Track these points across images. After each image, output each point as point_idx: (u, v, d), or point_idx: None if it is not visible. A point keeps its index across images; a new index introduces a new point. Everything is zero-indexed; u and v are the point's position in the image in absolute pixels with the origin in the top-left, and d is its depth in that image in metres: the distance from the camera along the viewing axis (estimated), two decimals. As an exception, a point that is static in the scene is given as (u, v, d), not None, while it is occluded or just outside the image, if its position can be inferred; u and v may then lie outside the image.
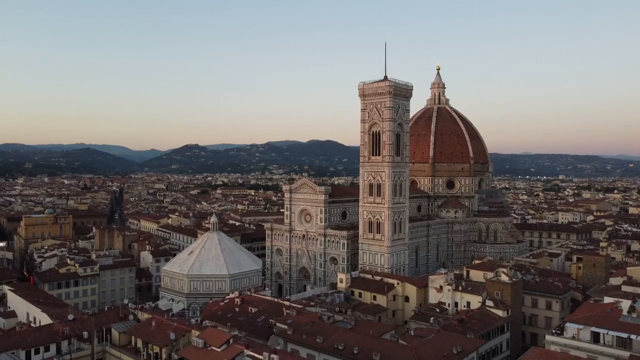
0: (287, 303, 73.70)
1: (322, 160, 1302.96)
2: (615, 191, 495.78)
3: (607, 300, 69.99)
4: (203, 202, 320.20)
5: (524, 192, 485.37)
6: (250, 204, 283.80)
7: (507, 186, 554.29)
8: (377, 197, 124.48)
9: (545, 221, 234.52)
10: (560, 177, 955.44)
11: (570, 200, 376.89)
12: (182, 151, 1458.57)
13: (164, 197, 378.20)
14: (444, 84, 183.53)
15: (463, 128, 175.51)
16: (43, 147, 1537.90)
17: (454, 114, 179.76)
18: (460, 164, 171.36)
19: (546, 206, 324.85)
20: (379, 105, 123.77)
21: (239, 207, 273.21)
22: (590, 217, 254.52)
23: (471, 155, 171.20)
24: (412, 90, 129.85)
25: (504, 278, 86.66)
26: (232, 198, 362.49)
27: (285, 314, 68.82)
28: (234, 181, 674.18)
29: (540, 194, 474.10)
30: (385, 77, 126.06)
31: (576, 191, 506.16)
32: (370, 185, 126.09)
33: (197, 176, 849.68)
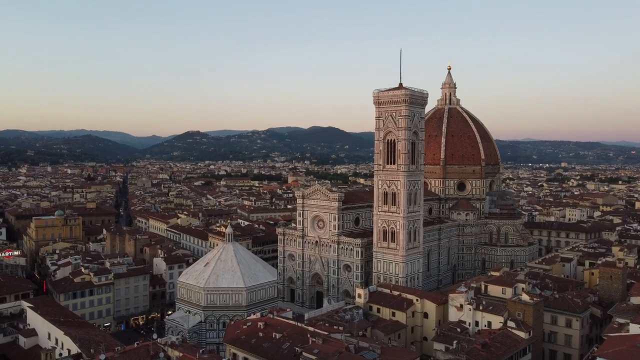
0: (311, 329, 73.45)
1: (324, 147, 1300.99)
2: (620, 182, 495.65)
3: (633, 328, 69.84)
4: (209, 196, 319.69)
5: (528, 183, 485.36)
6: (256, 200, 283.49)
7: (510, 176, 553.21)
8: (392, 206, 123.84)
9: (552, 218, 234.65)
10: (563, 164, 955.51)
11: (576, 192, 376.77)
12: (183, 138, 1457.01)
13: (169, 189, 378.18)
14: (455, 84, 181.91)
15: (474, 129, 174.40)
16: (44, 133, 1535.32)
17: (465, 114, 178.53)
18: (472, 165, 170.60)
19: (552, 199, 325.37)
20: (394, 114, 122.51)
21: (246, 202, 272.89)
22: (597, 213, 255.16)
23: (482, 157, 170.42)
24: (427, 97, 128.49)
25: (525, 298, 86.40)
26: (237, 191, 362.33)
27: (310, 342, 68.64)
28: (236, 170, 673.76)
29: (545, 184, 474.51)
30: (401, 84, 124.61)
31: (580, 182, 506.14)
32: (385, 194, 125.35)
33: (199, 164, 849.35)
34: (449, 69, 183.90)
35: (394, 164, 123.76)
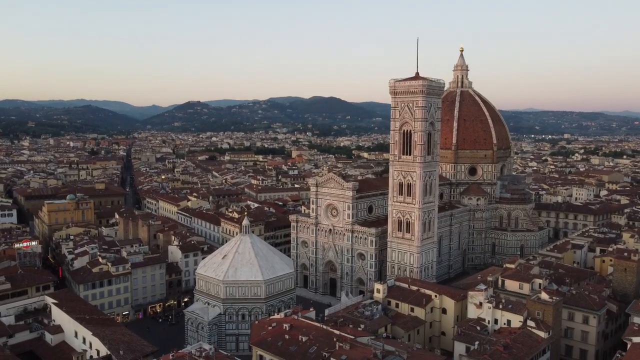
0: (337, 332, 74.50)
1: (325, 118, 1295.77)
2: (624, 156, 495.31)
3: (655, 333, 70.85)
4: (215, 173, 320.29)
5: (532, 157, 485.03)
6: (263, 178, 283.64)
7: (514, 149, 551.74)
8: (407, 197, 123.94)
9: (560, 198, 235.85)
10: (566, 135, 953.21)
11: (581, 168, 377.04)
12: (184, 108, 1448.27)
13: (174, 165, 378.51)
14: (467, 67, 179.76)
15: (487, 113, 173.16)
16: (44, 103, 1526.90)
17: (477, 98, 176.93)
18: (483, 150, 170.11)
19: (557, 176, 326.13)
20: (410, 104, 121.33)
21: (253, 181, 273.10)
22: (603, 192, 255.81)
23: (494, 141, 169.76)
24: (443, 87, 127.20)
25: (544, 296, 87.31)
26: (242, 167, 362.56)
27: (337, 347, 69.78)
28: (239, 143, 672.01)
29: (549, 158, 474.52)
30: (417, 74, 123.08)
31: (585, 156, 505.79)
32: (400, 185, 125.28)
33: (201, 136, 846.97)
34: (462, 50, 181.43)
35: (410, 154, 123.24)
